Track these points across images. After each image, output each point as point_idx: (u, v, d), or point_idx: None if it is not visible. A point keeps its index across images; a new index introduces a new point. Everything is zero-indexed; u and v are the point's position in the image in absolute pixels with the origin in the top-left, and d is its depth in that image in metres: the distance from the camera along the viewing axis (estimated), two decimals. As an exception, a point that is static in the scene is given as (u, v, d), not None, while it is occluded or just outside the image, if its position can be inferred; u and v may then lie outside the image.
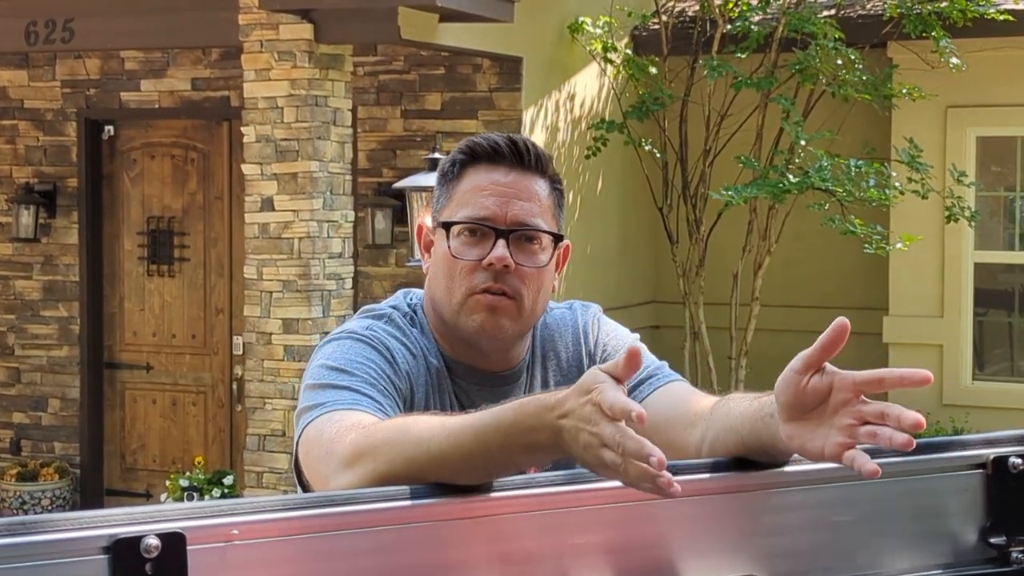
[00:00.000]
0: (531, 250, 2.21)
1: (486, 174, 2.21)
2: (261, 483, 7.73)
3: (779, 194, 8.30)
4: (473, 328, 2.18)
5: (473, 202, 2.19)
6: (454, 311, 2.20)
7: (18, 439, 9.64)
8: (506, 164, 2.21)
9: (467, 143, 2.24)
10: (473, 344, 2.22)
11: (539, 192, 2.22)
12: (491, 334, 2.19)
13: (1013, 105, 9.29)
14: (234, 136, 8.85)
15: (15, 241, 9.60)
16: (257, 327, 7.74)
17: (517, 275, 2.18)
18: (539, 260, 2.21)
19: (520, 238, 2.19)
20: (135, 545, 1.37)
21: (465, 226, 2.19)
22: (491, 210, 2.18)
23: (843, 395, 1.68)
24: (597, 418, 1.57)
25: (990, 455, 1.83)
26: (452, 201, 2.23)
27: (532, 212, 2.20)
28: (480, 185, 2.20)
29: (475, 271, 2.18)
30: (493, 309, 2.17)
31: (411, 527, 1.57)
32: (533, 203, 2.21)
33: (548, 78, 9.01)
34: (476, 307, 2.18)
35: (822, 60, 8.34)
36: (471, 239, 2.19)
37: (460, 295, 2.18)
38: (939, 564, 1.82)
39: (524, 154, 2.21)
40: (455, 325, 2.21)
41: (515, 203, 2.19)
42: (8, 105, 9.70)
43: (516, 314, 2.19)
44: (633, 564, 1.66)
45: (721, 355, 9.25)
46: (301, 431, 2.04)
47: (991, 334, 9.85)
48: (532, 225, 2.20)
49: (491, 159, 2.21)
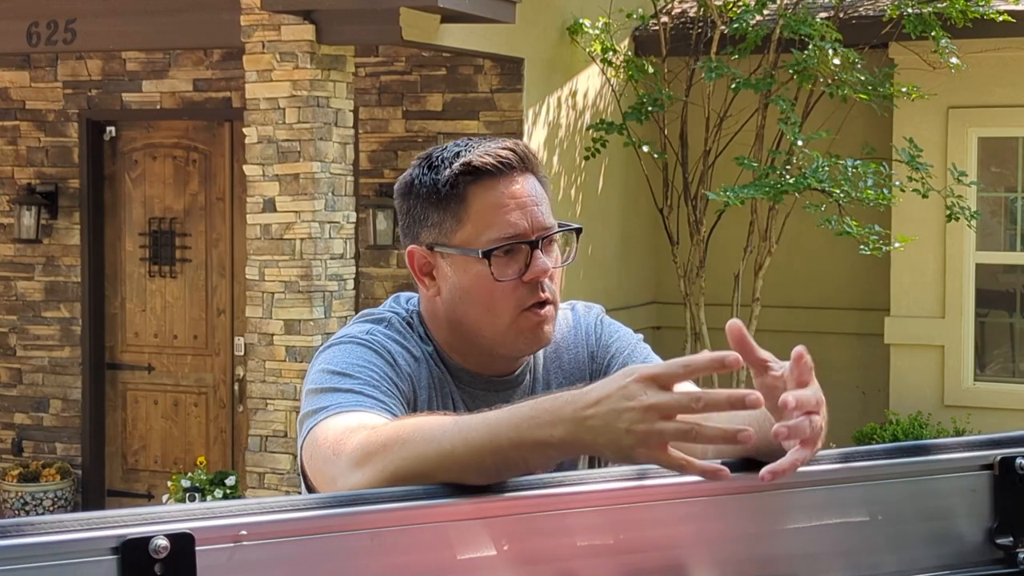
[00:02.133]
0: (553, 250, 2.21)
1: (497, 188, 2.17)
2: (263, 484, 7.73)
3: (777, 195, 8.30)
4: (526, 344, 2.19)
5: (497, 220, 2.15)
6: (499, 332, 2.17)
7: (20, 440, 9.64)
8: (511, 174, 2.18)
9: (463, 161, 2.16)
10: (495, 355, 2.22)
11: (540, 190, 2.22)
12: (541, 345, 2.21)
13: (1014, 106, 9.30)
14: (236, 137, 8.85)
15: (17, 242, 9.61)
16: (259, 328, 7.74)
17: (552, 277, 2.20)
18: (561, 258, 2.24)
19: (546, 242, 2.19)
20: (144, 546, 1.37)
21: (502, 248, 2.16)
22: (520, 225, 2.16)
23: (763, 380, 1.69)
24: (651, 392, 1.56)
25: (997, 456, 1.83)
26: (465, 223, 2.17)
27: (547, 214, 2.20)
28: (499, 202, 2.16)
29: (517, 288, 2.16)
30: (543, 323, 2.18)
31: (420, 528, 1.57)
32: (543, 204, 2.20)
33: (550, 79, 9.01)
34: (527, 325, 2.16)
35: (820, 61, 8.34)
36: (506, 259, 2.16)
37: (509, 316, 2.16)
38: (945, 565, 1.81)
39: (523, 159, 2.20)
40: (499, 344, 2.19)
41: (532, 210, 2.18)
42: (10, 106, 9.70)
43: (554, 317, 2.22)
44: (641, 565, 1.66)
45: (722, 356, 9.23)
46: (305, 435, 2.02)
47: (992, 335, 9.85)
48: (551, 226, 2.20)
49: (494, 172, 2.17)
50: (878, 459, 1.81)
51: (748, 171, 8.65)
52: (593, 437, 1.60)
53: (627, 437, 1.56)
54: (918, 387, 9.39)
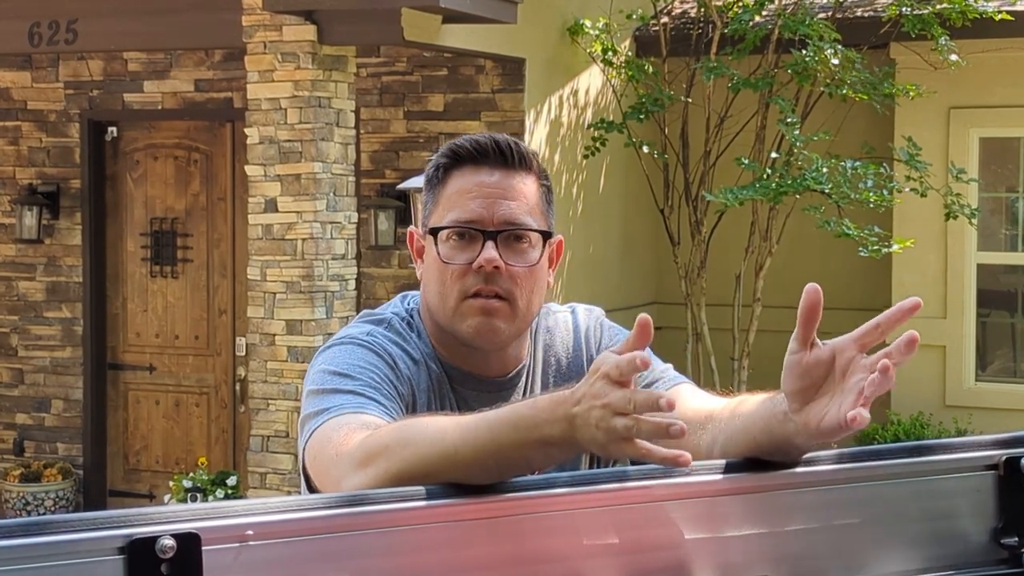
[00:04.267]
0: (520, 249, 2.19)
1: (471, 176, 2.19)
2: (264, 484, 7.73)
3: (776, 196, 8.30)
4: (469, 332, 2.18)
5: (459, 205, 2.18)
6: (448, 316, 2.19)
7: (21, 440, 9.65)
8: (490, 164, 2.19)
9: (449, 146, 2.23)
10: (470, 347, 2.21)
11: (525, 190, 2.21)
12: (487, 337, 2.18)
13: (1015, 106, 9.30)
14: (237, 137, 8.85)
15: (18, 242, 9.61)
16: (260, 328, 7.74)
17: (508, 276, 2.16)
18: (529, 259, 2.19)
19: (509, 238, 2.18)
20: (150, 546, 1.38)
21: (452, 230, 2.18)
22: (477, 212, 2.17)
23: (848, 354, 1.68)
24: (607, 389, 1.58)
25: (1002, 456, 1.83)
26: (439, 206, 2.21)
27: (519, 211, 2.18)
28: (465, 188, 2.19)
29: (466, 274, 2.16)
30: (487, 312, 2.16)
31: (425, 527, 1.57)
32: (520, 201, 2.19)
33: (551, 79, 9.02)
34: (469, 311, 2.17)
35: (819, 61, 8.34)
36: (460, 243, 2.18)
37: (453, 300, 2.17)
38: (950, 565, 1.81)
39: (507, 153, 2.20)
40: (451, 330, 2.20)
41: (501, 203, 2.18)
42: (11, 106, 9.70)
43: (510, 315, 2.18)
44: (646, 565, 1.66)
45: (723, 356, 9.25)
46: (308, 437, 2.03)
47: (994, 335, 9.85)
48: (519, 224, 2.18)
49: (475, 160, 2.19)
50: (882, 459, 1.82)
51: (749, 171, 8.65)
52: (582, 435, 1.62)
53: (600, 434, 1.59)
54: (919, 387, 9.38)
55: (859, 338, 1.68)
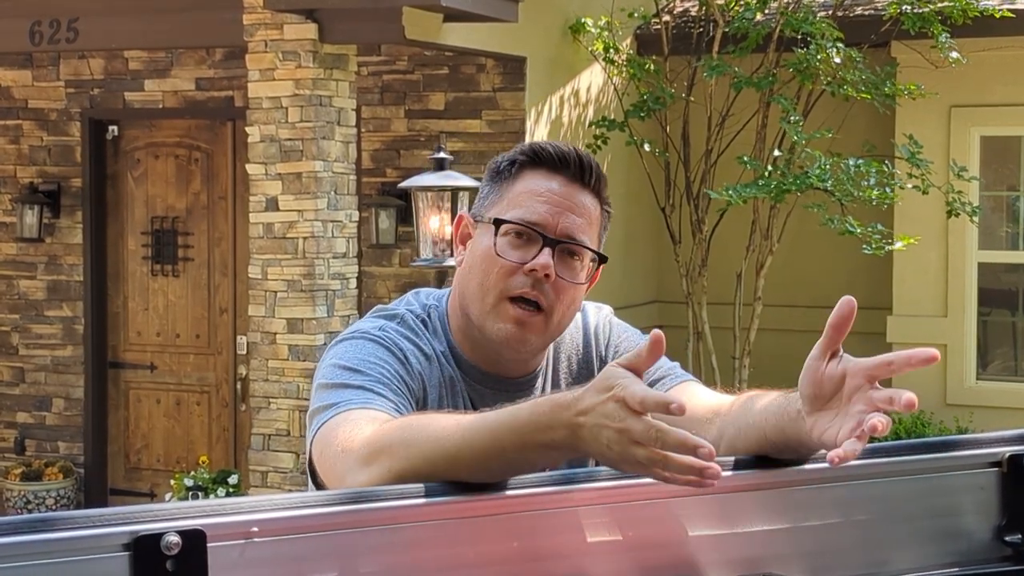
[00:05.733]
0: (572, 265, 2.19)
1: (544, 180, 2.19)
2: (266, 483, 7.73)
3: (778, 194, 8.30)
4: (498, 337, 2.17)
5: (527, 205, 2.17)
6: (484, 311, 2.17)
7: (22, 439, 9.65)
8: (566, 175, 2.20)
9: (531, 145, 2.22)
10: (494, 348, 2.21)
11: (591, 210, 2.22)
12: (514, 347, 2.18)
13: (1017, 105, 9.29)
14: (238, 136, 8.85)
15: (19, 241, 9.61)
16: (261, 327, 7.74)
17: (554, 287, 2.16)
18: (579, 276, 2.20)
19: (565, 251, 2.18)
20: (156, 542, 1.38)
21: (515, 227, 2.17)
22: (544, 217, 2.16)
23: (855, 381, 1.69)
24: (623, 414, 1.57)
25: (1005, 453, 1.83)
26: (504, 199, 2.20)
27: (582, 228, 2.19)
28: (536, 190, 2.18)
29: (514, 274, 2.15)
30: (521, 323, 2.15)
31: (429, 524, 1.57)
32: (584, 219, 2.20)
33: (552, 78, 9.02)
34: (505, 315, 2.15)
35: (821, 59, 8.34)
36: (517, 241, 2.17)
37: (494, 296, 2.16)
38: (954, 562, 1.82)
39: (586, 169, 2.21)
40: (481, 326, 2.18)
41: (568, 215, 2.18)
42: (12, 105, 9.70)
43: (543, 329, 2.18)
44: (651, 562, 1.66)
45: (724, 355, 9.25)
46: (316, 431, 2.02)
47: (995, 334, 9.85)
48: (580, 240, 2.19)
49: (553, 166, 2.19)
50: (887, 456, 1.81)
51: (750, 170, 8.65)
52: (587, 445, 1.62)
53: (608, 452, 1.60)
54: (920, 386, 9.36)
55: (869, 370, 1.68)
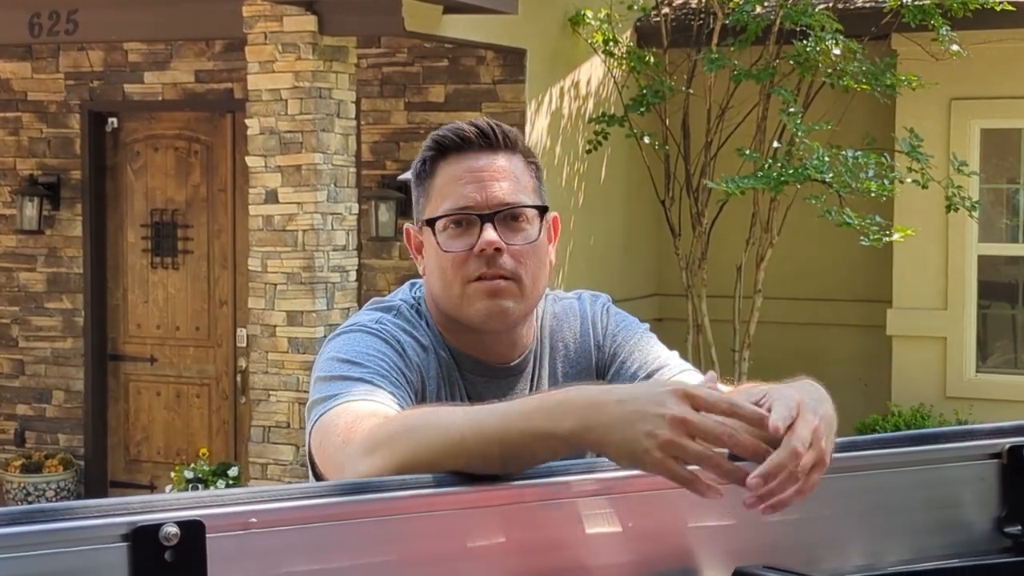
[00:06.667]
0: (518, 228, 2.19)
1: (458, 163, 2.19)
2: (266, 475, 7.73)
3: (777, 186, 8.30)
4: (478, 316, 2.17)
5: (452, 193, 2.18)
6: (455, 304, 2.18)
7: (22, 431, 9.65)
8: (475, 149, 2.19)
9: (432, 138, 2.23)
10: (481, 332, 2.21)
11: (514, 169, 2.21)
12: (497, 318, 2.17)
13: (1017, 97, 9.29)
14: (237, 128, 8.85)
15: (19, 233, 9.61)
16: (261, 319, 7.74)
17: (511, 256, 2.16)
18: (529, 236, 2.20)
19: (505, 218, 2.18)
20: (154, 533, 1.38)
21: (449, 218, 2.18)
22: (471, 197, 2.17)
23: None
24: (683, 406, 1.57)
25: (1005, 445, 1.83)
26: (431, 199, 2.21)
27: (512, 190, 2.19)
28: (455, 175, 2.19)
29: (467, 261, 2.16)
30: (493, 293, 2.16)
31: (429, 515, 1.57)
32: (510, 181, 2.19)
33: (552, 70, 9.01)
34: (476, 296, 2.16)
35: (820, 51, 8.33)
36: (457, 230, 2.18)
37: (458, 287, 2.17)
38: (954, 554, 1.82)
39: (491, 135, 2.20)
40: (459, 317, 2.19)
41: (493, 184, 2.18)
42: (12, 97, 9.70)
43: (518, 294, 2.18)
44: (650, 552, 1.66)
45: (724, 348, 9.25)
46: (314, 422, 2.02)
47: (994, 327, 9.85)
48: (514, 203, 2.18)
49: (459, 148, 2.20)
50: (887, 447, 1.81)
51: (750, 162, 8.64)
52: (603, 434, 1.60)
53: (645, 440, 1.57)
54: (920, 379, 9.39)
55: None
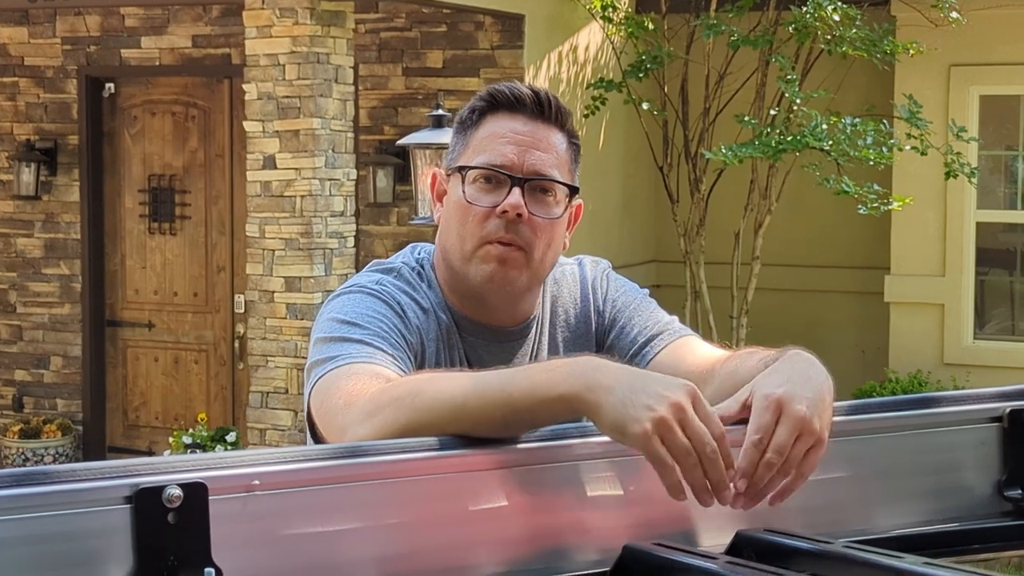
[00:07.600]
0: (545, 201, 2.19)
1: (505, 122, 2.19)
2: (264, 440, 7.75)
3: (775, 154, 8.28)
4: (482, 278, 2.17)
5: (491, 149, 2.17)
6: (464, 259, 2.18)
7: (20, 396, 9.66)
8: (526, 113, 2.19)
9: (488, 90, 2.22)
10: (481, 296, 2.21)
11: (557, 144, 2.20)
12: (500, 285, 2.17)
13: (1016, 64, 9.27)
14: (235, 93, 8.82)
15: (16, 199, 9.60)
16: (259, 285, 7.74)
17: (530, 225, 2.16)
18: (553, 212, 2.19)
19: (535, 188, 2.17)
20: (157, 495, 1.37)
21: (481, 172, 2.17)
22: (508, 158, 2.16)
23: None
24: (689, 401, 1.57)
25: (1006, 408, 1.83)
26: (469, 148, 2.20)
27: (549, 163, 2.18)
28: (499, 132, 2.18)
29: (488, 218, 2.15)
30: (503, 261, 2.15)
31: (433, 478, 1.57)
32: (551, 154, 2.19)
33: (550, 36, 8.98)
34: (486, 257, 2.16)
35: (819, 18, 8.30)
36: (486, 186, 2.17)
37: (472, 243, 2.16)
38: (954, 518, 1.82)
39: (545, 105, 2.19)
40: (464, 274, 2.19)
41: (533, 152, 2.17)
42: (8, 62, 9.67)
43: (525, 266, 2.17)
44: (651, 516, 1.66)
45: (722, 314, 9.26)
46: (314, 384, 2.02)
47: (992, 294, 9.86)
48: (548, 176, 2.18)
49: (511, 107, 2.19)
50: (887, 411, 1.81)
51: (748, 129, 8.63)
52: (603, 395, 1.59)
53: (641, 410, 1.56)
54: (918, 345, 9.40)
55: None
